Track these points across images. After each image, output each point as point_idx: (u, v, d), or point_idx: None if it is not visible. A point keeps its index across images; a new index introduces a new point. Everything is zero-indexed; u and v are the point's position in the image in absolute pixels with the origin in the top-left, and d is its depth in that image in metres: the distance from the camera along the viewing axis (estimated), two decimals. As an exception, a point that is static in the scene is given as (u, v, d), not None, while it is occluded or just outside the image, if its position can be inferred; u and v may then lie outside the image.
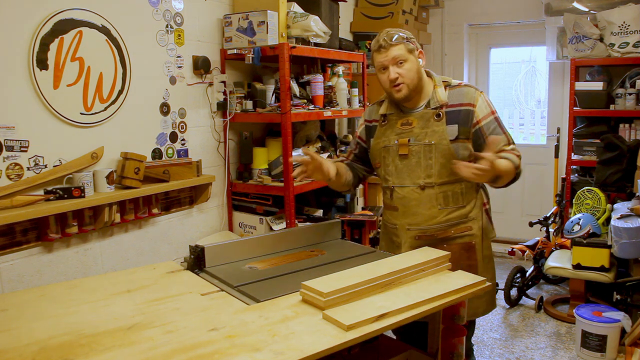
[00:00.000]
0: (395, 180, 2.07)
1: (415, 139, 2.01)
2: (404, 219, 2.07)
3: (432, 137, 1.98)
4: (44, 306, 1.55)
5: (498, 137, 1.90)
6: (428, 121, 2.00)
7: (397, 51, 1.94)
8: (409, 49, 1.97)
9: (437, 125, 1.99)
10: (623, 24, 3.82)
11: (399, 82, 1.96)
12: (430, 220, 2.03)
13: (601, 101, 3.95)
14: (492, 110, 2.01)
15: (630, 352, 2.77)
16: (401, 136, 2.03)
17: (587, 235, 3.31)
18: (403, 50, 1.95)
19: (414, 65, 1.97)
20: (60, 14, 2.28)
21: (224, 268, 1.86)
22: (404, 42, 1.95)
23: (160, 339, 1.31)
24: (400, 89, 1.97)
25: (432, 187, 2.01)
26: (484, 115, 1.98)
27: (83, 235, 2.43)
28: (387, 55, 1.95)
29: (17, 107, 2.15)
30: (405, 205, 2.05)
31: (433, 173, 2.00)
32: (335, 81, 3.49)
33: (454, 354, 1.78)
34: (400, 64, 1.95)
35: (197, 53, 2.97)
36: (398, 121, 2.06)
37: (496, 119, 2.01)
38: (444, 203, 2.02)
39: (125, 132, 2.60)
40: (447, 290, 1.59)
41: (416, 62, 1.99)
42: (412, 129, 2.02)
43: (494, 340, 3.27)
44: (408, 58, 1.96)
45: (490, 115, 2.00)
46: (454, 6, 4.96)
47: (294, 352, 1.23)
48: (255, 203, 3.18)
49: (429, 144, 1.99)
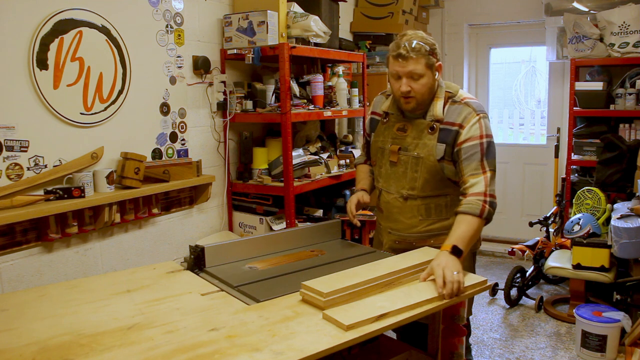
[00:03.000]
0: (384, 184, 2.08)
1: (406, 148, 1.98)
2: (387, 222, 2.10)
3: (421, 150, 1.95)
4: (44, 306, 1.55)
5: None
6: (422, 132, 1.96)
7: (415, 65, 1.84)
8: (429, 64, 1.86)
9: (429, 139, 1.94)
10: (623, 24, 3.82)
11: (410, 95, 1.89)
12: (410, 229, 2.03)
13: (601, 101, 3.95)
14: (482, 134, 1.88)
15: (630, 352, 2.76)
16: (394, 142, 2.01)
17: (587, 235, 3.31)
18: (422, 65, 1.84)
19: (430, 81, 1.88)
20: (60, 14, 2.28)
21: (224, 268, 1.86)
22: (425, 56, 1.84)
23: (160, 339, 1.31)
24: (409, 101, 1.91)
25: (415, 199, 1.99)
26: (467, 138, 1.87)
27: (83, 235, 2.43)
28: (404, 66, 1.85)
29: (17, 107, 2.15)
30: (389, 211, 2.07)
31: (417, 186, 1.97)
32: (335, 81, 3.49)
33: (454, 354, 1.78)
34: (415, 78, 1.86)
35: (197, 53, 2.97)
36: (396, 124, 2.04)
37: (482, 144, 1.87)
38: (426, 215, 2.00)
39: (125, 132, 2.60)
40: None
41: (433, 77, 1.88)
42: (405, 137, 1.99)
43: (494, 340, 3.27)
44: (425, 74, 1.86)
45: (477, 139, 1.87)
46: (454, 6, 4.96)
47: (294, 352, 1.23)
48: (255, 203, 3.18)
49: (417, 156, 1.95)
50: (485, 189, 1.84)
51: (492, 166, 1.89)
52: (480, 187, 1.84)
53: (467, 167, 1.88)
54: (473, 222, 1.79)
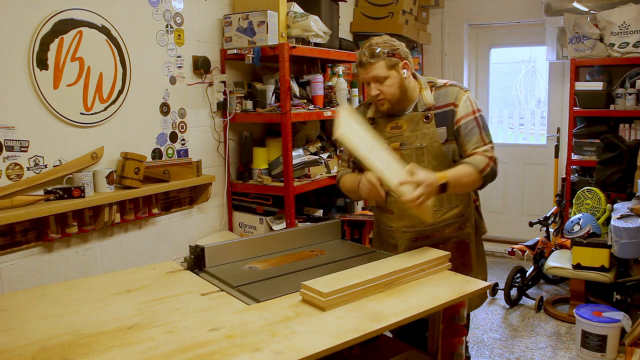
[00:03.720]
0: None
1: (406, 142, 1.99)
2: (400, 222, 2.07)
3: (422, 140, 1.97)
4: (44, 306, 1.55)
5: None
6: (417, 124, 1.99)
7: (376, 69, 1.92)
8: (391, 65, 1.92)
9: (427, 128, 1.97)
10: (623, 24, 3.82)
11: (380, 97, 1.96)
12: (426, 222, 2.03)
13: (601, 101, 3.95)
14: (474, 109, 1.97)
15: (630, 352, 2.77)
16: (392, 140, 2.01)
17: (587, 235, 3.31)
18: (383, 68, 1.91)
19: (396, 80, 1.94)
20: (60, 14, 2.28)
21: (224, 268, 1.86)
22: (384, 59, 1.91)
23: (160, 339, 1.31)
24: (382, 103, 1.98)
25: None
26: (464, 115, 1.96)
27: (83, 235, 2.43)
28: (367, 72, 1.94)
29: (17, 107, 2.15)
30: (401, 209, 2.04)
31: None
32: (335, 81, 3.49)
33: (454, 354, 1.78)
34: (381, 81, 1.93)
35: (197, 53, 2.97)
36: (387, 125, 2.04)
37: (476, 119, 1.97)
38: (439, 204, 2.02)
39: (125, 132, 2.60)
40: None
41: (398, 76, 1.94)
42: (402, 133, 2.00)
43: (494, 340, 3.27)
44: (389, 75, 1.93)
45: (471, 114, 1.96)
46: (454, 6, 4.96)
47: (294, 352, 1.23)
48: (255, 203, 3.18)
49: (420, 147, 1.97)
50: (491, 154, 1.95)
51: (490, 138, 2.00)
52: (488, 153, 1.95)
53: (469, 141, 1.96)
54: (472, 173, 1.90)
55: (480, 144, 1.95)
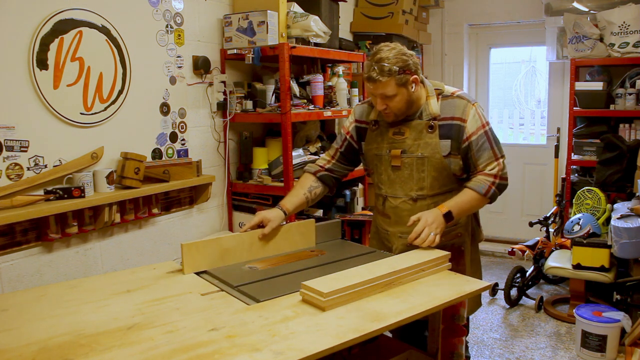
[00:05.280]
0: (388, 190, 2.06)
1: (408, 150, 1.98)
2: (396, 227, 2.07)
3: (424, 150, 1.96)
4: (44, 306, 1.55)
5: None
6: (421, 132, 1.97)
7: (386, 88, 1.86)
8: (401, 83, 1.87)
9: (430, 138, 1.95)
10: (623, 24, 3.82)
11: (386, 111, 1.94)
12: None
13: (601, 101, 3.95)
14: (483, 123, 1.95)
15: (630, 352, 2.77)
16: (393, 146, 2.01)
17: (587, 235, 3.31)
18: (392, 86, 1.86)
19: (404, 97, 1.90)
20: (60, 14, 2.28)
21: (224, 268, 1.86)
22: (394, 77, 1.84)
23: (160, 339, 1.31)
24: (388, 115, 1.97)
25: (424, 199, 2.00)
26: (474, 131, 1.93)
27: (83, 235, 2.43)
28: (376, 89, 1.88)
29: (17, 107, 2.15)
30: (398, 215, 2.05)
31: (425, 186, 1.98)
32: (335, 81, 3.49)
33: (454, 354, 1.78)
34: (389, 97, 1.89)
35: (197, 53, 2.97)
36: (390, 129, 2.03)
37: (486, 132, 1.94)
38: None
39: (125, 132, 2.60)
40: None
41: (407, 93, 1.90)
42: (405, 140, 1.99)
43: (494, 340, 3.27)
44: (398, 92, 1.88)
45: (481, 129, 1.94)
46: (454, 6, 4.96)
47: (294, 352, 1.23)
48: (256, 203, 3.18)
49: (422, 157, 1.96)
50: (498, 172, 1.95)
51: (502, 151, 1.99)
52: (494, 171, 1.95)
53: (481, 157, 1.95)
54: (475, 197, 1.94)
55: (492, 159, 1.95)
